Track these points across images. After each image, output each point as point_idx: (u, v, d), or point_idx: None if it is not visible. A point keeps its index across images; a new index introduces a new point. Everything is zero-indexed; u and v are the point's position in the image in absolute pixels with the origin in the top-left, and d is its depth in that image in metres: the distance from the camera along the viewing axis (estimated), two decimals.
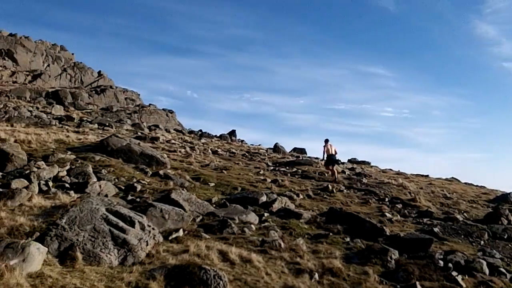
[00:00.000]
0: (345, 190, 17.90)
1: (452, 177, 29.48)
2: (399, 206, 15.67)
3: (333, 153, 21.07)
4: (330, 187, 17.48)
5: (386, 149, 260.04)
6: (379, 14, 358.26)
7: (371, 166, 32.52)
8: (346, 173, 23.50)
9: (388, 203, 16.16)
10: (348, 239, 10.59)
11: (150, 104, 52.77)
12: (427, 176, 29.46)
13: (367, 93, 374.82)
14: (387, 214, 13.98)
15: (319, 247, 9.78)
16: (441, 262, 9.17)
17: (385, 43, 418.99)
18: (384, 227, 11.57)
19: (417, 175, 29.39)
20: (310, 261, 8.75)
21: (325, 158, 21.16)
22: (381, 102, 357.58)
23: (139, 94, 61.01)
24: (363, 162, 34.16)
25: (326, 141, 21.22)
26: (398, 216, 14.16)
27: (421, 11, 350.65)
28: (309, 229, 11.37)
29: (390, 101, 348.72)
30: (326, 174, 21.36)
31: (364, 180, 20.83)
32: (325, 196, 16.29)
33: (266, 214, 12.17)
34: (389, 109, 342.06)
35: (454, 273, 8.66)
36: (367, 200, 16.30)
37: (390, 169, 31.25)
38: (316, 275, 8.03)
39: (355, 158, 35.65)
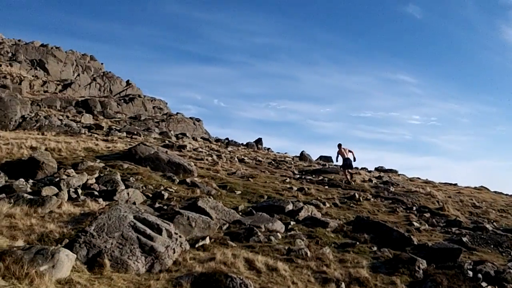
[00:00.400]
0: (372, 199, 17.71)
1: (481, 186, 28.85)
2: (427, 215, 15.43)
3: (348, 156, 21.78)
4: (357, 195, 17.33)
5: (414, 157, 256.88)
6: (406, 21, 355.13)
7: (399, 175, 32.08)
8: (373, 181, 23.24)
9: (415, 212, 15.92)
10: (375, 248, 10.49)
11: (177, 113, 53.16)
12: (455, 184, 28.92)
13: (394, 101, 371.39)
14: (415, 223, 13.78)
15: (346, 256, 9.71)
16: (470, 273, 8.98)
17: (412, 50, 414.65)
18: (412, 236, 11.43)
19: (445, 183, 28.89)
20: (337, 270, 8.69)
21: (340, 162, 22.09)
22: (408, 110, 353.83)
23: (166, 103, 61.55)
24: (390, 171, 33.74)
25: (339, 145, 21.96)
26: (426, 225, 13.95)
27: (447, 17, 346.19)
28: (335, 238, 11.30)
29: (417, 109, 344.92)
30: (352, 183, 21.19)
31: (392, 189, 20.56)
32: (351, 204, 16.17)
33: (292, 223, 12.14)
34: (416, 116, 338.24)
35: (484, 284, 8.50)
36: (394, 209, 16.11)
37: (418, 178, 30.77)
38: (343, 285, 7.98)
39: (382, 166, 35.29)
